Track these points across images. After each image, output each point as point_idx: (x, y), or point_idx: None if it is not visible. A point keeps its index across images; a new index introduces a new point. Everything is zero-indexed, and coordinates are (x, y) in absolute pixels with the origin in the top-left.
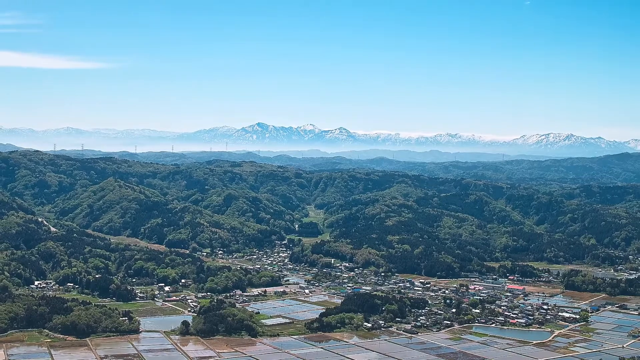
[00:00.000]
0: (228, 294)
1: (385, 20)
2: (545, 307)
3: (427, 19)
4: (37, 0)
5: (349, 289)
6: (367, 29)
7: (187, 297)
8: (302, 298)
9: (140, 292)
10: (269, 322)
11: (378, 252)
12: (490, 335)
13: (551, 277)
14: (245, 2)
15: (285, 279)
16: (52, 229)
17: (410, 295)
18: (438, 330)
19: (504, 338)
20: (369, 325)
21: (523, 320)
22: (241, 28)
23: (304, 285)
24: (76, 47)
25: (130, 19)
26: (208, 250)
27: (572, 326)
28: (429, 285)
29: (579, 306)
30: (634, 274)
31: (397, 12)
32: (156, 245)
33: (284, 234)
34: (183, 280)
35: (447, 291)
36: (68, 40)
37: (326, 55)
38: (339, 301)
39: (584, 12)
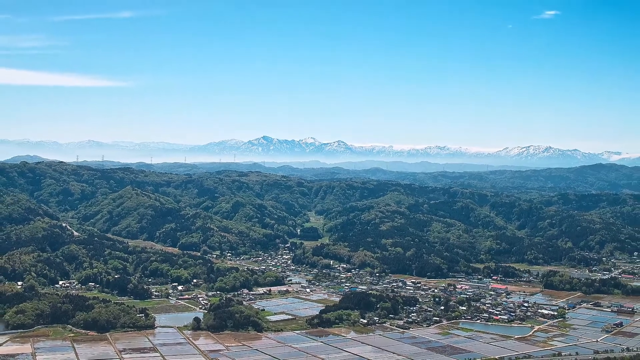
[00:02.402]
0: (236, 293)
1: (380, 43)
2: (526, 304)
3: (417, 41)
4: (61, 23)
5: (347, 288)
6: (363, 51)
7: (199, 296)
8: (304, 296)
9: (156, 291)
10: (273, 318)
11: (373, 255)
12: (476, 331)
13: (531, 277)
14: (252, 26)
15: (288, 279)
16: (75, 233)
17: (402, 293)
18: (428, 326)
19: (488, 333)
20: (365, 321)
21: (506, 317)
22: (248, 49)
23: (305, 285)
24: (97, 67)
25: (145, 40)
26: (218, 252)
27: (550, 322)
28: (419, 285)
29: (557, 304)
30: (607, 274)
31: (390, 36)
32: (170, 248)
33: (287, 238)
34: (195, 280)
35: (436, 290)
36: (89, 61)
37: (326, 74)
38: (338, 299)
39: (562, 36)
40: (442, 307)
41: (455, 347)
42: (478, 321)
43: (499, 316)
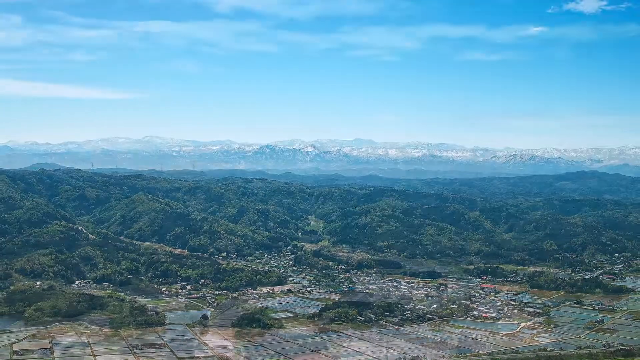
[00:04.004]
0: (241, 292)
1: (375, 64)
2: (513, 303)
3: (412, 53)
4: (76, 39)
5: (345, 288)
6: (360, 65)
7: (206, 295)
8: (305, 295)
9: (166, 290)
10: (276, 315)
11: (370, 256)
12: (466, 327)
13: (518, 278)
14: (256, 50)
15: (290, 279)
16: (90, 236)
17: (397, 293)
18: (421, 323)
19: (477, 329)
20: (362, 318)
21: (494, 314)
22: (251, 62)
23: (306, 285)
24: (111, 81)
25: (154, 56)
26: (224, 254)
27: (536, 319)
28: (413, 284)
29: (542, 302)
30: (589, 274)
31: (385, 57)
32: (179, 250)
33: (289, 241)
34: (202, 280)
35: (429, 289)
36: (104, 75)
37: (326, 88)
38: (337, 298)
39: (549, 51)
40: (435, 306)
41: (447, 343)
42: (468, 318)
43: (488, 314)
